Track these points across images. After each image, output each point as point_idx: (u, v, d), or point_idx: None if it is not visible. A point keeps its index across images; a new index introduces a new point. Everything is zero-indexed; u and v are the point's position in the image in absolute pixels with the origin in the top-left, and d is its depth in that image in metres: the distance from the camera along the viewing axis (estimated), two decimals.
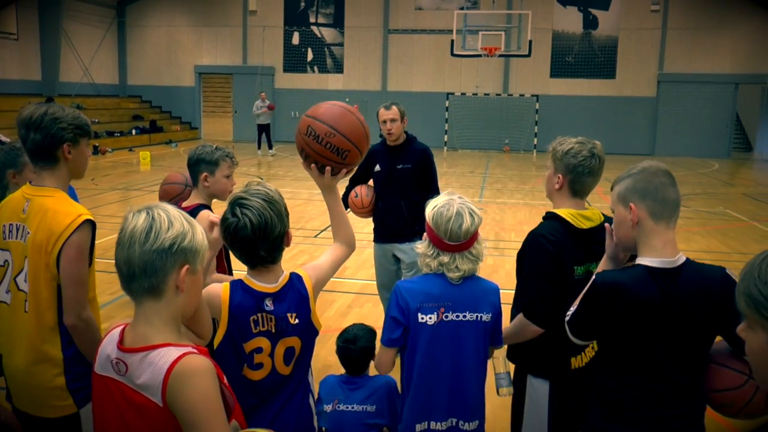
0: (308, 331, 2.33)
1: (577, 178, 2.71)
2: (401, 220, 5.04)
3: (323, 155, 2.38)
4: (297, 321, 2.28)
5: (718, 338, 2.25)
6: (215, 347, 2.28)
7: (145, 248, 1.66)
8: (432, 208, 2.60)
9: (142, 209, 1.72)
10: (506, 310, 2.78)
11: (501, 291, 2.74)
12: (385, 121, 5.02)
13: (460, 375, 2.62)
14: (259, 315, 2.26)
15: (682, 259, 2.20)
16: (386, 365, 2.72)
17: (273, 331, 2.27)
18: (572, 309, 2.31)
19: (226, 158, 3.42)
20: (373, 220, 5.31)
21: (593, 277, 2.26)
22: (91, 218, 2.50)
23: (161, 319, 1.72)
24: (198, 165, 3.40)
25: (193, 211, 3.23)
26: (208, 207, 3.41)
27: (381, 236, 5.27)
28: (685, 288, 2.15)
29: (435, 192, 4.75)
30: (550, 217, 2.77)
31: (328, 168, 2.40)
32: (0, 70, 21.50)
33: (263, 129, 21.10)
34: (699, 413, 2.23)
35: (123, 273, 1.70)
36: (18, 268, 2.50)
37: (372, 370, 3.06)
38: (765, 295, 1.35)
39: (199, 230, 1.76)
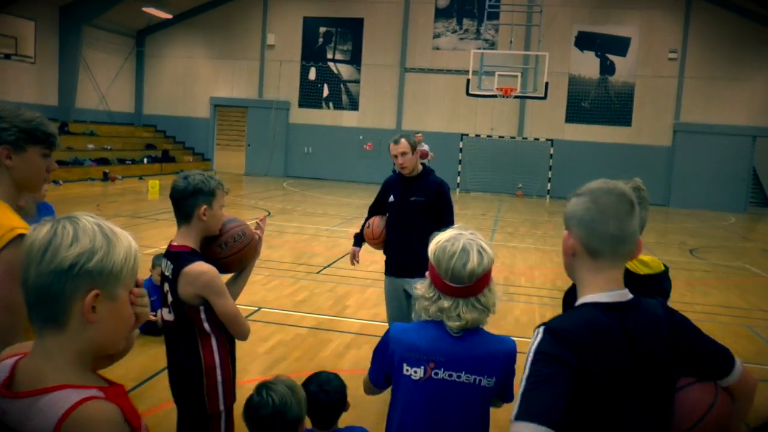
0: None
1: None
2: (411, 254, 4.84)
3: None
4: None
5: None
6: None
7: (40, 269, 1.33)
8: (436, 242, 2.24)
9: (50, 220, 1.38)
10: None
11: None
12: (396, 156, 4.96)
13: None
14: None
15: (630, 295, 1.76)
16: (368, 389, 2.49)
17: None
18: (520, 390, 1.60)
19: (220, 187, 3.01)
20: (384, 252, 5.22)
21: (537, 334, 1.68)
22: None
23: (63, 355, 1.38)
24: (195, 197, 2.93)
25: (188, 257, 2.82)
26: (200, 255, 2.92)
27: (391, 269, 5.15)
28: (642, 325, 1.72)
29: (449, 226, 4.44)
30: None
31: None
32: (17, 93, 21.51)
33: None
34: None
35: (24, 299, 1.39)
36: None
37: (342, 422, 2.71)
38: None
39: (122, 246, 1.39)
